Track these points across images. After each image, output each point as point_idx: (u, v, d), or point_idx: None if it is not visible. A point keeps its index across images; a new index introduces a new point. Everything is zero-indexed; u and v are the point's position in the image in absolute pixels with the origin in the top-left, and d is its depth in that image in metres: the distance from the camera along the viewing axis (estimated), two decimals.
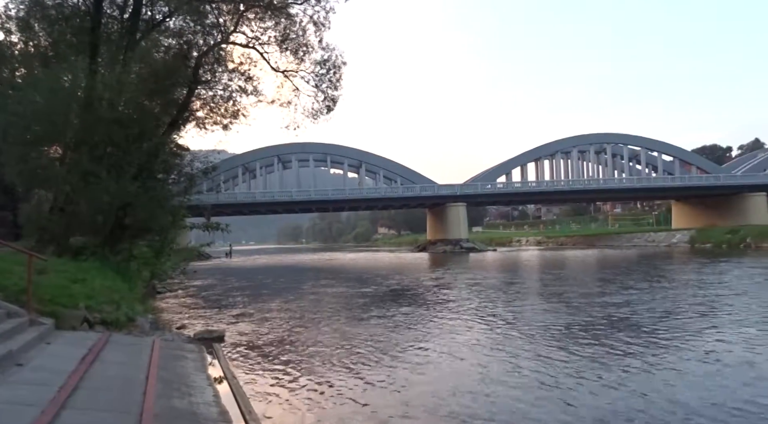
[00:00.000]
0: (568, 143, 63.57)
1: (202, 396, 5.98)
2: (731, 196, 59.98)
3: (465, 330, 10.59)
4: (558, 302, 14.32)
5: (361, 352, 8.81)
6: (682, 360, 7.70)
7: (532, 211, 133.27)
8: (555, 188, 63.10)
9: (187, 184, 17.53)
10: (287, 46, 20.16)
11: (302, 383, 7.00)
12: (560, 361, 7.82)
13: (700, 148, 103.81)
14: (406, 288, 19.81)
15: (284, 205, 64.35)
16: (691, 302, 13.55)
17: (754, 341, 8.83)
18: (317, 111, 22.36)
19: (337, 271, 33.07)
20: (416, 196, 62.00)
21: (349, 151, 63.52)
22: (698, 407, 5.65)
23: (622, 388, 6.42)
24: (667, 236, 52.18)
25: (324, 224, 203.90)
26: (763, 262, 25.76)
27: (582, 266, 29.53)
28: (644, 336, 9.47)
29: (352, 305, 15.21)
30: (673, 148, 65.04)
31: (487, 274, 25.56)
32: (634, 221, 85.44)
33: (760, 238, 39.99)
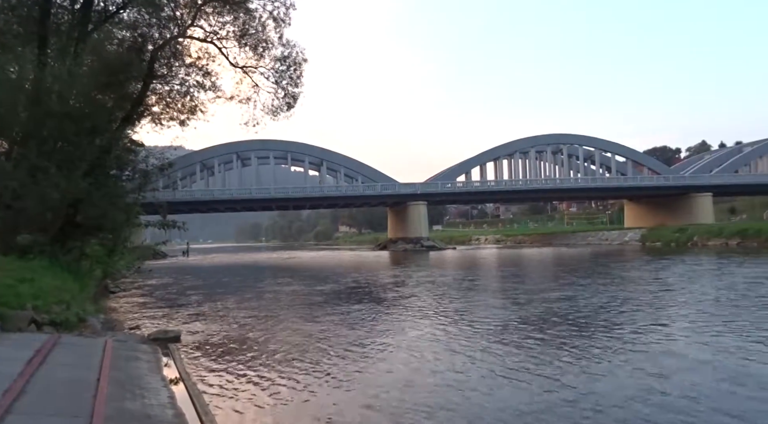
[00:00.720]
0: (526, 143, 64.81)
1: (157, 398, 5.83)
2: (680, 196, 62.31)
3: (415, 326, 10.72)
4: (507, 299, 14.68)
5: (317, 350, 8.79)
6: (607, 352, 8.02)
7: (491, 210, 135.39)
8: (513, 188, 64.24)
9: (141, 181, 17.09)
10: (246, 42, 19.87)
11: (260, 383, 6.92)
12: (498, 355, 8.03)
13: (651, 149, 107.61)
14: (363, 286, 19.84)
15: (243, 203, 63.48)
16: (628, 297, 14.07)
17: (678, 333, 9.33)
18: (277, 108, 22.12)
19: (295, 269, 32.85)
20: (377, 195, 62.12)
21: (310, 149, 63.11)
22: (617, 399, 5.83)
23: (557, 381, 6.62)
24: (620, 235, 53.78)
25: (284, 223, 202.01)
26: (706, 259, 26.85)
27: (536, 264, 30.20)
28: (582, 330, 9.85)
29: (308, 303, 15.15)
30: (625, 149, 67.12)
31: (445, 272, 25.83)
32: (589, 220, 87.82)
33: (706, 236, 41.65)
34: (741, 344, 8.24)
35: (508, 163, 65.38)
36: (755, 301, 12.53)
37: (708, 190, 61.96)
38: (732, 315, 10.84)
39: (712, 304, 12.43)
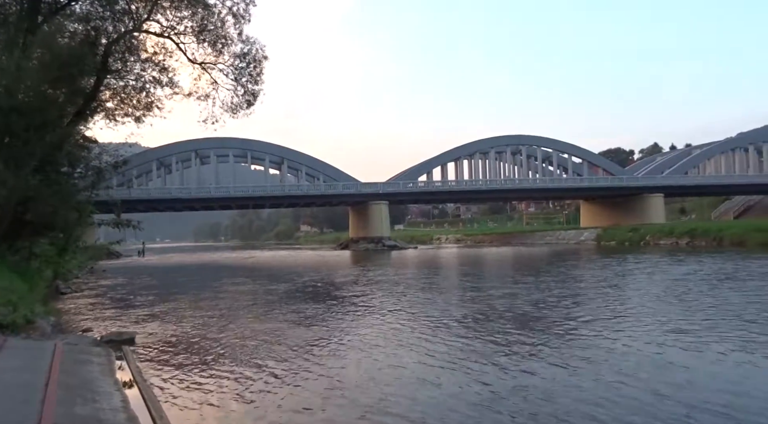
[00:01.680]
0: (486, 144, 65.69)
1: (109, 402, 5.68)
2: (633, 196, 64.28)
3: (368, 325, 10.81)
4: (461, 297, 15.02)
5: (273, 349, 8.73)
6: (545, 346, 8.28)
7: (451, 209, 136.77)
8: (473, 188, 65.06)
9: (94, 179, 16.59)
10: (205, 38, 19.52)
11: (216, 384, 6.82)
12: (441, 352, 8.18)
13: (606, 151, 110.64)
14: (321, 285, 19.81)
15: (202, 202, 62.30)
16: (574, 294, 14.58)
17: (612, 326, 9.80)
18: (237, 105, 21.83)
19: (253, 269, 32.47)
20: (339, 194, 61.94)
21: (271, 148, 62.42)
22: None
23: (499, 376, 6.83)
24: (576, 234, 55.11)
25: (244, 222, 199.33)
26: (655, 258, 27.74)
27: (494, 263, 30.72)
28: (525, 325, 10.16)
29: (265, 303, 15.05)
30: (582, 150, 68.82)
31: (404, 271, 26.02)
32: (547, 220, 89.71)
33: (658, 236, 43.10)
34: (664, 336, 8.79)
35: (469, 164, 66.15)
36: (684, 297, 13.21)
37: (660, 191, 64.11)
38: (663, 309, 11.44)
39: (648, 299, 13.07)
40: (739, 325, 9.56)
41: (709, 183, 66.27)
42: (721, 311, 10.98)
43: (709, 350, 7.79)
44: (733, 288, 14.52)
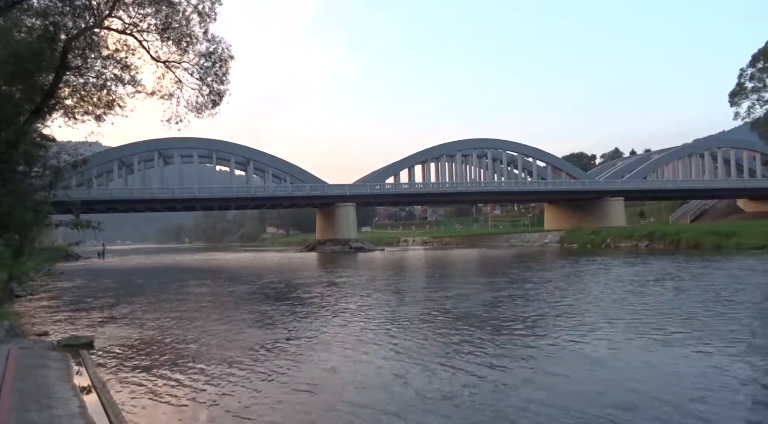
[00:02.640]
0: (452, 147, 66.30)
1: (66, 408, 5.52)
2: (595, 200, 65.82)
3: (329, 327, 10.84)
4: (418, 298, 15.27)
5: (234, 352, 8.65)
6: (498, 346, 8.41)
7: (418, 212, 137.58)
8: (440, 190, 65.57)
9: (52, 178, 16.04)
10: (169, 36, 19.11)
11: (177, 388, 6.71)
12: (399, 352, 8.30)
13: (569, 155, 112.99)
14: (285, 287, 19.71)
15: (165, 203, 61.12)
16: (523, 294, 14.98)
17: (563, 324, 10.12)
18: (202, 105, 21.41)
19: (217, 271, 32.02)
20: (306, 196, 61.59)
21: (237, 148, 61.67)
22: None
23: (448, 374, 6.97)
24: (540, 237, 56.06)
25: (209, 223, 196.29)
26: (608, 259, 28.40)
27: (457, 265, 30.99)
28: (480, 326, 10.34)
29: (226, 305, 14.92)
30: (546, 155, 70.10)
31: (369, 273, 26.06)
32: (512, 223, 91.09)
33: (618, 238, 44.19)
34: (590, 333, 9.30)
35: (436, 167, 66.64)
36: (618, 297, 13.90)
37: (620, 194, 65.79)
38: (594, 308, 12.11)
39: (585, 299, 13.72)
40: (654, 321, 10.23)
41: (668, 188, 68.37)
42: (645, 308, 11.69)
43: (621, 343, 8.47)
44: (665, 288, 15.26)
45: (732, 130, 68.06)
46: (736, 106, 37.31)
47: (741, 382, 6.26)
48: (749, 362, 7.14)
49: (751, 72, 36.41)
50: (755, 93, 36.61)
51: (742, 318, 10.26)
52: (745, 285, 15.16)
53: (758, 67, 36.03)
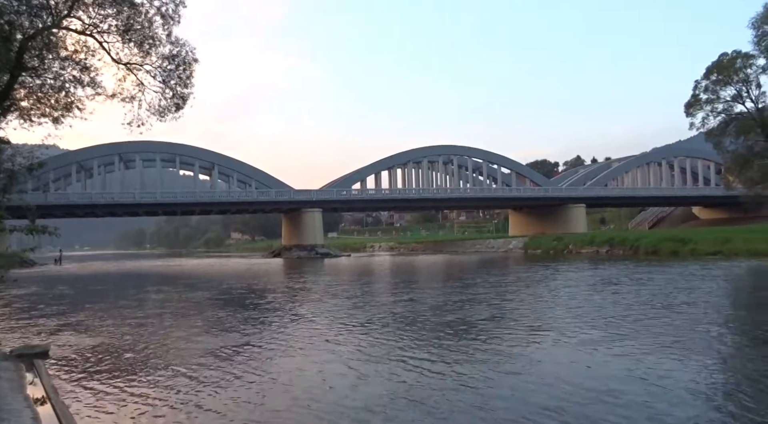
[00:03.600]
0: (419, 154, 66.74)
1: (18, 420, 5.34)
2: (558, 206, 67.14)
3: (284, 332, 10.88)
4: (378, 303, 15.30)
5: (192, 358, 8.56)
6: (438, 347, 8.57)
7: (385, 217, 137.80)
8: (406, 196, 65.86)
9: (6, 182, 15.50)
10: (131, 38, 18.72)
11: (133, 397, 6.56)
12: (351, 356, 8.41)
13: (533, 162, 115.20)
14: (246, 293, 19.52)
15: (126, 208, 59.69)
16: (472, 298, 15.38)
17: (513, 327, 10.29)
18: (165, 108, 20.99)
19: (178, 277, 31.43)
20: (271, 201, 61.04)
21: (201, 153, 60.75)
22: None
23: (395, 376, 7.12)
24: (505, 243, 56.80)
25: (171, 229, 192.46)
26: (564, 265, 29.02)
27: (421, 271, 31.27)
28: (438, 330, 10.51)
29: (186, 312, 14.72)
30: (510, 162, 71.24)
31: (334, 278, 26.05)
32: (477, 229, 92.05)
33: (580, 244, 45.12)
34: (528, 334, 9.84)
35: (402, 173, 66.95)
36: (559, 300, 14.53)
37: (582, 201, 67.30)
38: (535, 311, 12.71)
39: (528, 302, 14.37)
40: (586, 323, 10.78)
41: (627, 195, 70.26)
42: (579, 311, 12.30)
43: (550, 344, 8.97)
44: (604, 291, 16.02)
45: (688, 139, 70.59)
46: (692, 117, 38.57)
47: (644, 376, 6.72)
48: (659, 358, 7.64)
49: (705, 84, 37.76)
50: (709, 104, 37.94)
51: (663, 318, 10.92)
52: (679, 289, 15.79)
53: (712, 79, 37.39)
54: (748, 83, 36.58)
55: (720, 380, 6.74)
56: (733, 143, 39.30)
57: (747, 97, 36.87)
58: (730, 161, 40.65)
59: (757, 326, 10.18)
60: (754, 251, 29.32)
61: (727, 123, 38.01)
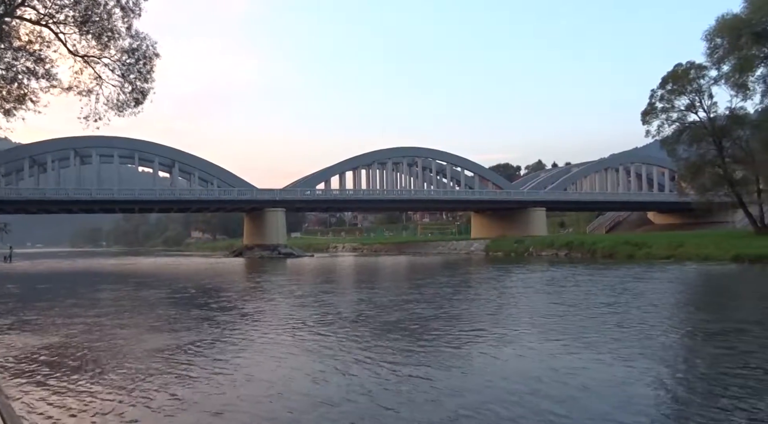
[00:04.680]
0: (383, 155, 66.87)
1: None
2: (519, 210, 68.24)
3: (237, 332, 10.76)
4: (326, 302, 15.39)
5: (143, 358, 8.37)
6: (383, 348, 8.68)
7: (349, 218, 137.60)
8: (371, 197, 65.89)
9: None
10: (89, 29, 18.25)
11: (83, 398, 6.35)
12: (298, 357, 8.40)
13: (496, 166, 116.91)
14: (201, 293, 19.22)
15: (81, 205, 57.93)
16: (418, 298, 15.71)
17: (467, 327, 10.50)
18: (124, 103, 20.62)
19: (134, 276, 30.63)
20: (234, 200, 60.19)
21: (161, 149, 59.41)
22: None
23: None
24: (467, 245, 57.40)
25: (129, 227, 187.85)
26: (517, 268, 29.49)
27: (382, 272, 31.34)
28: (385, 329, 10.60)
29: (136, 311, 14.44)
30: (474, 165, 72.06)
31: (297, 278, 25.89)
32: (440, 230, 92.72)
33: (540, 247, 45.97)
34: (466, 333, 10.17)
35: (367, 173, 66.95)
36: (500, 300, 15.21)
37: (543, 205, 68.58)
38: (474, 310, 13.21)
39: (472, 302, 14.77)
40: (523, 321, 11.36)
41: (586, 199, 71.98)
42: (519, 312, 12.88)
43: (478, 342, 9.28)
44: (546, 292, 16.92)
45: (644, 147, 72.69)
46: (648, 125, 39.67)
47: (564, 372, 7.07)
48: (581, 354, 8.06)
49: (660, 93, 38.92)
50: (664, 113, 39.12)
51: (596, 317, 11.49)
52: (619, 290, 16.44)
53: (667, 89, 38.57)
54: (701, 93, 37.88)
55: (638, 371, 7.08)
56: (686, 151, 40.60)
57: (700, 106, 38.15)
58: (683, 169, 42.00)
59: (676, 322, 10.77)
60: (704, 255, 30.43)
61: (681, 131, 39.25)
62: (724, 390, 6.09)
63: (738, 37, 31.95)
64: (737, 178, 37.80)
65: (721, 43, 33.65)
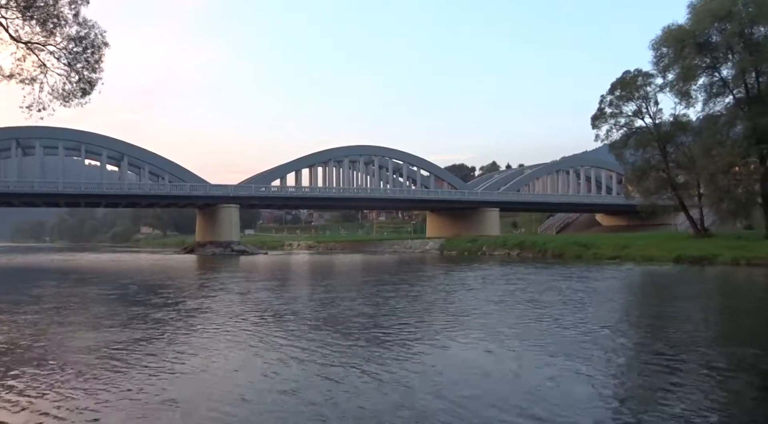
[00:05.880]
0: (340, 153, 66.70)
1: None
2: (473, 210, 69.26)
3: (184, 333, 10.53)
4: (278, 300, 15.42)
5: (75, 356, 8.19)
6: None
7: (304, 216, 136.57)
8: (327, 195, 65.63)
9: None
10: (33, 15, 17.47)
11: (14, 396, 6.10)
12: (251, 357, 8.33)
13: (451, 166, 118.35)
14: (145, 290, 18.88)
15: (22, 198, 55.44)
16: (358, 295, 16.28)
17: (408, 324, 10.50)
18: (70, 93, 19.76)
19: (77, 272, 29.53)
20: (186, 196, 58.85)
21: (110, 142, 57.51)
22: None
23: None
24: (422, 244, 57.85)
25: (74, 221, 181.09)
26: (459, 266, 30.24)
27: (340, 270, 31.31)
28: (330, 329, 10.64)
29: (76, 309, 14.04)
30: (430, 165, 72.74)
31: (248, 275, 25.66)
32: (396, 229, 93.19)
33: (493, 247, 46.80)
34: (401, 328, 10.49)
35: (323, 171, 66.64)
36: (436, 296, 15.83)
37: (496, 205, 69.80)
38: (424, 309, 13.42)
39: (422, 301, 14.95)
40: (447, 317, 11.90)
41: (538, 200, 73.75)
42: (448, 309, 13.34)
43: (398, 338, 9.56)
44: (481, 289, 17.66)
45: (594, 150, 75.03)
46: (597, 129, 40.90)
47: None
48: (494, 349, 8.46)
49: (609, 99, 40.20)
50: (613, 118, 40.41)
51: (514, 313, 12.15)
52: (553, 288, 17.20)
53: (616, 94, 39.87)
54: (647, 100, 39.32)
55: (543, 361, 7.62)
56: (633, 155, 42.08)
57: (646, 112, 39.60)
58: (630, 172, 43.50)
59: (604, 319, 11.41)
60: (648, 256, 31.68)
61: (629, 136, 40.64)
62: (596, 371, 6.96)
63: (682, 47, 33.29)
64: (680, 182, 39.41)
65: (667, 53, 34.98)
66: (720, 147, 32.60)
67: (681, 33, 33.60)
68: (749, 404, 5.89)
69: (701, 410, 5.40)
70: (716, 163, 32.18)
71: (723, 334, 10.41)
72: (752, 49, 31.80)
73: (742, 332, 10.53)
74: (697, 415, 5.26)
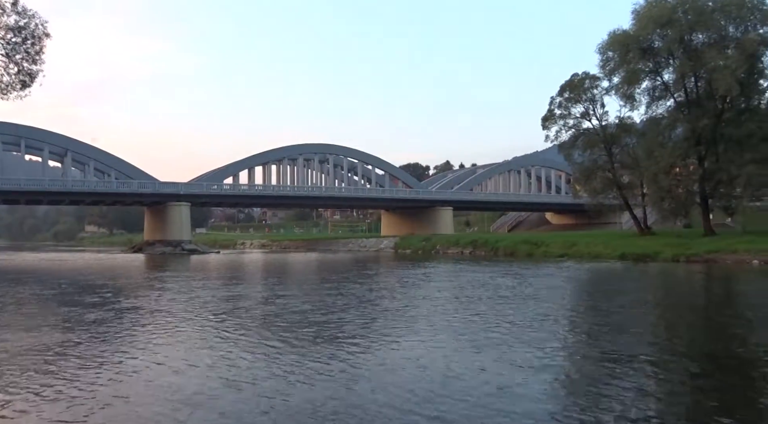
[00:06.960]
0: (294, 151, 66.10)
1: None
2: (427, 208, 69.90)
3: (125, 332, 10.41)
4: (237, 303, 15.08)
5: (20, 361, 7.83)
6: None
7: (258, 214, 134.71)
8: (281, 193, 64.93)
9: None
10: None
11: None
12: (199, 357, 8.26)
13: (406, 165, 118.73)
14: (84, 291, 18.26)
15: None
16: (304, 292, 16.82)
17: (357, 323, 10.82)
18: (8, 85, 18.93)
19: (12, 272, 28.34)
20: (133, 193, 57.06)
21: (52, 137, 55.17)
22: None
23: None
24: (377, 242, 58.01)
25: (13, 219, 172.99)
26: (408, 264, 30.69)
27: (293, 269, 31.17)
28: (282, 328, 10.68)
29: (6, 310, 13.58)
30: (385, 163, 72.97)
31: (197, 275, 25.26)
32: (351, 228, 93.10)
33: (446, 245, 47.32)
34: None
35: (277, 169, 65.86)
36: (380, 293, 16.39)
37: (450, 204, 70.69)
38: (363, 306, 13.45)
39: (355, 297, 15.21)
40: (386, 314, 12.29)
41: (491, 200, 75.07)
42: (383, 302, 14.06)
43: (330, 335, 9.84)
44: (421, 287, 18.37)
45: (544, 150, 76.76)
46: (547, 130, 41.97)
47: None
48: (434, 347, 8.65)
49: (559, 100, 41.32)
50: (562, 119, 41.56)
51: (451, 311, 12.51)
52: (483, 285, 17.93)
53: (565, 96, 41.01)
54: (594, 102, 40.64)
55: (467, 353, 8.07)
56: (580, 156, 43.37)
57: (593, 114, 40.92)
58: (578, 172, 44.86)
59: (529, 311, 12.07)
60: (595, 253, 32.74)
61: (577, 137, 41.87)
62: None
63: (627, 51, 34.51)
64: (625, 182, 40.91)
65: (613, 57, 36.19)
66: (662, 148, 33.99)
67: (626, 38, 34.81)
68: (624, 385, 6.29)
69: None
70: (658, 163, 33.54)
71: (629, 325, 10.80)
72: (691, 54, 33.21)
73: (662, 323, 11.32)
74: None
